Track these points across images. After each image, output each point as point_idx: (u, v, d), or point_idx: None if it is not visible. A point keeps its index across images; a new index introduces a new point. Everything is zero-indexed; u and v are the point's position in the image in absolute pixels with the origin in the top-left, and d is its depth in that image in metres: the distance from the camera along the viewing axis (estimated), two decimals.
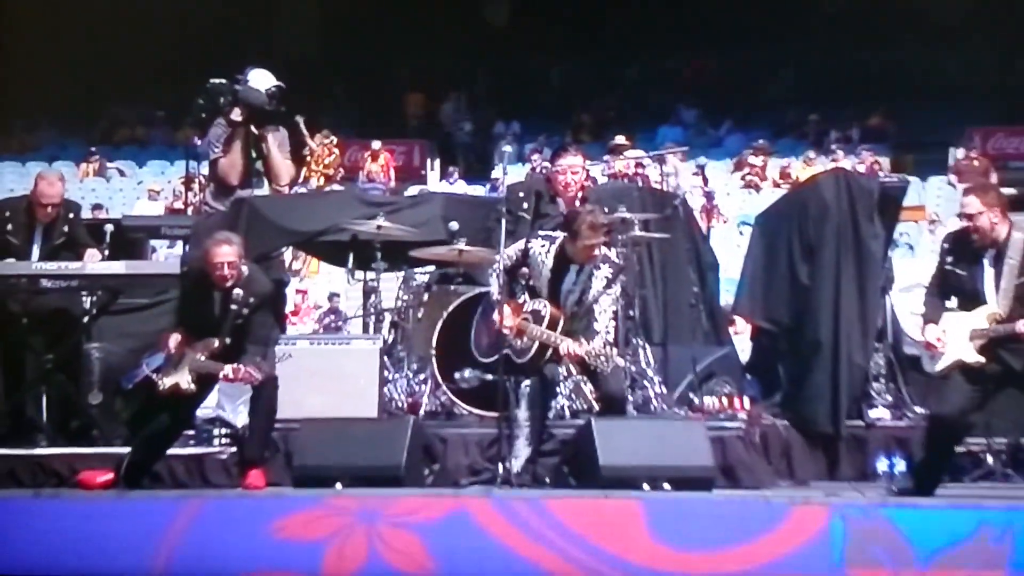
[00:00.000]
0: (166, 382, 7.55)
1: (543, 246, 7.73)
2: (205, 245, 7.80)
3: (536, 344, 7.48)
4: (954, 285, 7.27)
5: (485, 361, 7.81)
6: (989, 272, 7.12)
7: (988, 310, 7.07)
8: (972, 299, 7.15)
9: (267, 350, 7.75)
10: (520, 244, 7.83)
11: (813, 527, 6.55)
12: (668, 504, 6.81)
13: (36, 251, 8.73)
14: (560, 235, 7.78)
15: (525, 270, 7.76)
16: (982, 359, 7.05)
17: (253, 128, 9.92)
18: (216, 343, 7.59)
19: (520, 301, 7.67)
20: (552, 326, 7.47)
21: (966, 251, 7.22)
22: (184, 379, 7.54)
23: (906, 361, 9.28)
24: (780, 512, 6.62)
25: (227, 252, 7.64)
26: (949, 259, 7.30)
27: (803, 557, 6.48)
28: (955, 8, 23.14)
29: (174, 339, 7.65)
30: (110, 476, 7.63)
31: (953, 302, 7.29)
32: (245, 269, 7.72)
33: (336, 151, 21.85)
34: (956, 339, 7.11)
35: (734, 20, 23.49)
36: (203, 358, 7.55)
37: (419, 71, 25.06)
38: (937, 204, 20.72)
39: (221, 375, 7.50)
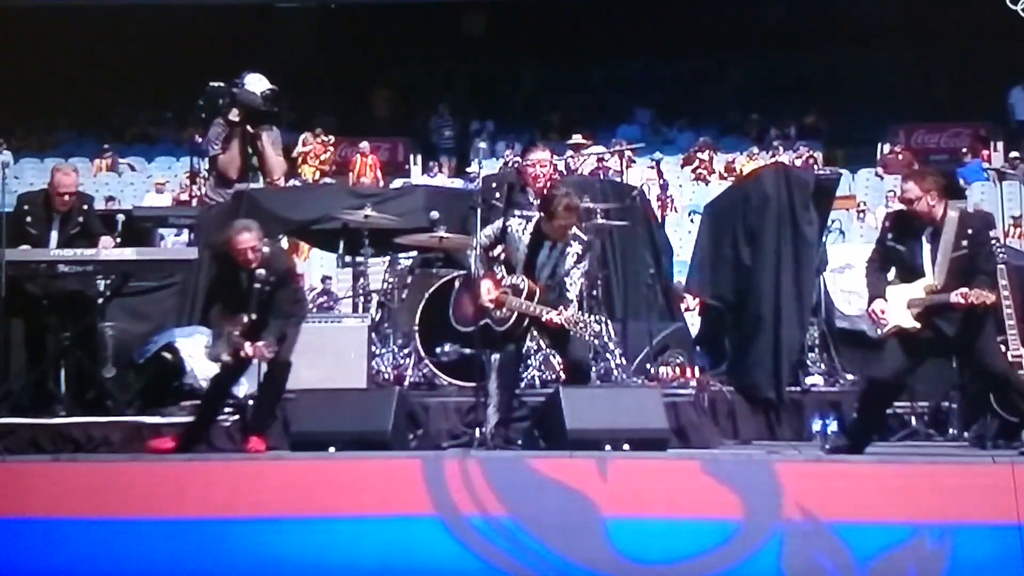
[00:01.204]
0: (221, 355, 7.61)
1: (520, 224, 7.71)
2: (227, 233, 7.77)
3: (515, 314, 7.44)
4: (894, 260, 7.29)
5: (464, 330, 7.75)
6: (926, 248, 7.14)
7: (925, 282, 7.10)
8: (911, 272, 7.17)
9: (288, 324, 7.70)
10: (497, 224, 7.80)
11: (757, 538, 6.36)
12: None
13: (54, 239, 8.65)
14: (536, 215, 7.76)
15: (501, 249, 7.71)
16: (918, 325, 7.08)
17: (249, 127, 9.87)
18: (246, 319, 7.58)
19: (498, 277, 7.62)
20: (530, 298, 7.45)
21: (906, 229, 7.24)
22: (224, 352, 7.56)
23: (837, 333, 9.34)
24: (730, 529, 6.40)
25: (248, 238, 7.64)
26: (890, 236, 7.31)
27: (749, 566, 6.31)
28: (881, 17, 23.18)
29: (219, 315, 7.69)
30: (172, 444, 7.65)
31: (892, 275, 7.30)
32: (266, 250, 7.71)
33: (330, 148, 21.81)
34: (896, 308, 7.12)
35: (685, 30, 23.48)
36: (237, 333, 7.54)
37: (404, 76, 25.01)
38: (866, 194, 20.78)
39: (242, 353, 7.48)
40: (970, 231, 7.11)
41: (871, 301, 7.22)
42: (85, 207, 8.91)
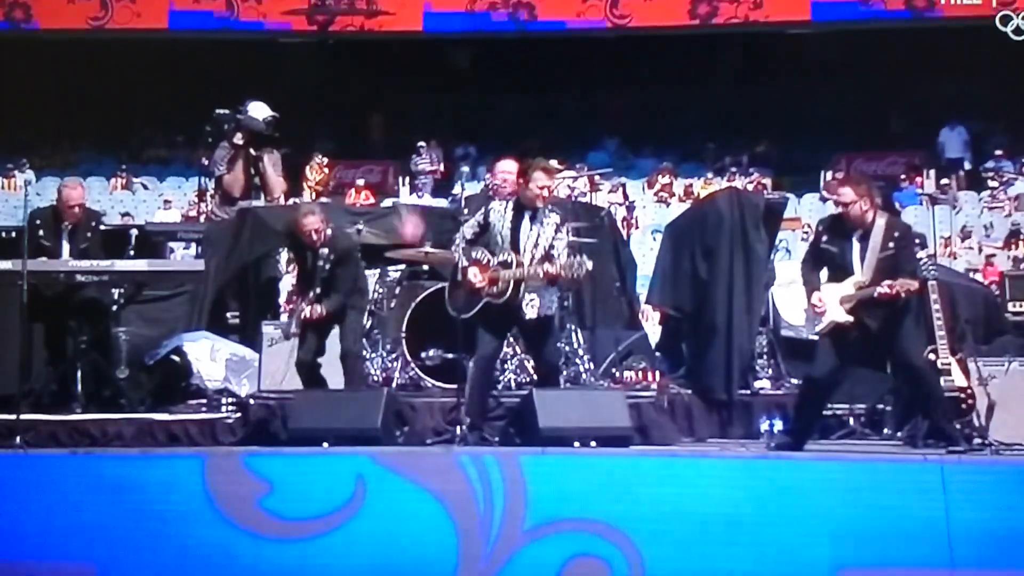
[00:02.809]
0: (291, 331, 7.92)
1: (501, 206, 7.57)
2: (294, 216, 8.07)
3: (511, 284, 7.32)
4: (826, 260, 7.31)
5: (464, 316, 7.49)
6: (856, 248, 7.17)
7: (854, 279, 7.13)
8: (841, 270, 7.20)
9: (348, 299, 7.97)
10: (479, 216, 7.61)
11: None
12: None
13: (65, 250, 8.60)
14: (512, 199, 7.63)
15: (484, 238, 7.54)
16: (851, 318, 7.09)
17: (252, 150, 9.84)
18: (311, 294, 7.78)
19: (484, 262, 7.46)
20: (519, 266, 7.33)
21: (838, 231, 7.28)
22: (293, 326, 7.85)
23: (783, 342, 9.35)
24: None
25: (312, 221, 7.85)
26: (824, 238, 7.34)
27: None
28: (824, 57, 23.28)
29: (293, 295, 7.95)
30: None
31: (824, 276, 7.32)
32: (329, 231, 7.89)
33: (326, 171, 21.73)
34: (830, 304, 7.14)
35: (650, 67, 23.52)
36: (305, 306, 7.77)
37: (396, 105, 25.00)
38: (810, 216, 20.69)
39: (302, 316, 7.74)
40: (896, 234, 7.19)
41: (809, 295, 7.23)
42: (94, 223, 8.86)
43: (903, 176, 21.90)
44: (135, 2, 21.66)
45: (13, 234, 8.93)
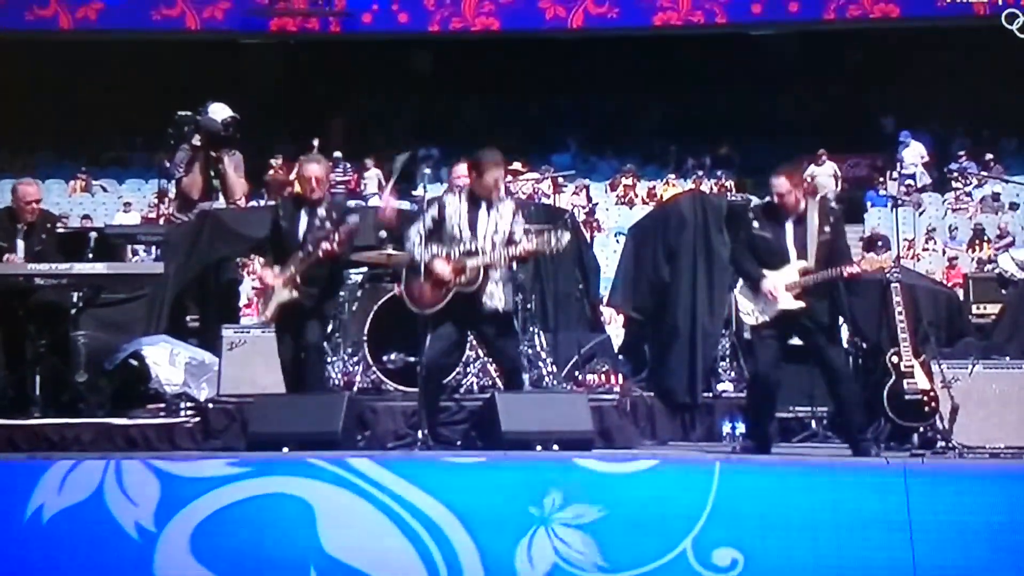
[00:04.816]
0: (268, 313, 7.45)
1: (455, 198, 7.46)
2: (296, 167, 7.65)
3: (480, 271, 7.21)
4: (760, 247, 7.28)
5: (430, 312, 7.32)
6: (791, 233, 7.18)
7: (798, 265, 7.13)
8: (775, 256, 7.19)
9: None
10: (432, 211, 7.44)
11: None
12: None
13: (20, 249, 8.49)
14: (465, 190, 7.52)
15: (439, 234, 7.39)
16: (802, 304, 7.10)
17: (212, 152, 9.76)
18: (300, 255, 7.34)
19: (445, 253, 7.31)
20: (484, 254, 7.24)
21: (771, 217, 7.29)
22: (287, 295, 7.38)
23: (746, 344, 9.35)
24: None
25: (315, 169, 7.43)
26: (756, 225, 7.32)
27: None
28: (783, 60, 23.46)
29: (266, 274, 7.48)
30: None
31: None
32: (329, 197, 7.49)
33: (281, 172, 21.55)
34: (780, 293, 7.14)
35: (610, 70, 23.60)
36: (293, 267, 7.35)
37: (357, 107, 24.94)
38: None
39: (321, 252, 7.22)
40: (831, 219, 7.24)
41: (758, 281, 7.19)
42: (49, 225, 8.75)
43: (881, 179, 21.95)
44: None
45: None
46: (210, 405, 8.06)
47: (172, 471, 6.44)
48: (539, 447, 6.98)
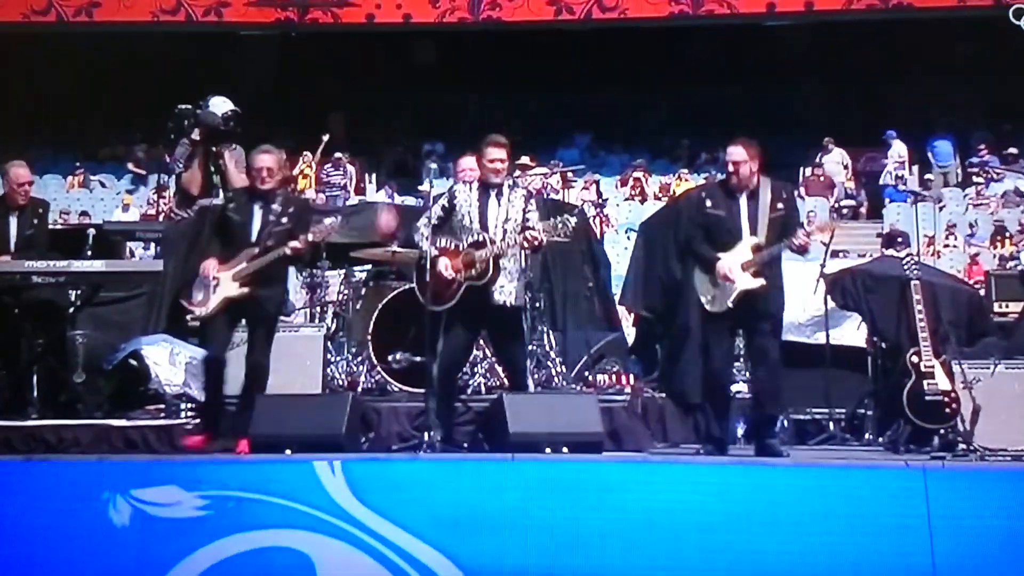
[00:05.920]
0: (209, 306, 7.24)
1: (466, 188, 7.49)
2: (248, 158, 7.42)
3: (490, 263, 7.21)
4: (713, 227, 7.28)
5: (441, 307, 7.29)
6: (745, 209, 7.19)
7: (750, 242, 7.10)
8: (729, 234, 7.20)
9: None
10: (443, 200, 7.48)
11: None
12: None
13: (13, 233, 8.47)
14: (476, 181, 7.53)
15: (449, 224, 7.44)
16: (762, 282, 7.07)
17: (212, 147, 9.75)
18: (255, 251, 7.21)
19: (453, 247, 7.35)
20: (493, 245, 7.24)
21: (723, 194, 7.31)
22: (235, 291, 7.23)
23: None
24: None
25: (266, 159, 7.28)
26: (708, 204, 7.33)
27: None
28: (797, 53, 23.41)
29: (210, 265, 7.26)
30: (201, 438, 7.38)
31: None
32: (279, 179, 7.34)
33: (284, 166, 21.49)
34: (737, 273, 7.11)
35: (618, 63, 23.55)
36: (244, 264, 7.21)
37: (360, 101, 24.90)
38: None
39: (289, 250, 7.10)
40: (784, 195, 7.31)
41: (713, 264, 7.16)
42: (40, 210, 8.73)
43: (900, 175, 21.83)
44: None
45: None
46: None
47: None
48: (548, 449, 6.97)
